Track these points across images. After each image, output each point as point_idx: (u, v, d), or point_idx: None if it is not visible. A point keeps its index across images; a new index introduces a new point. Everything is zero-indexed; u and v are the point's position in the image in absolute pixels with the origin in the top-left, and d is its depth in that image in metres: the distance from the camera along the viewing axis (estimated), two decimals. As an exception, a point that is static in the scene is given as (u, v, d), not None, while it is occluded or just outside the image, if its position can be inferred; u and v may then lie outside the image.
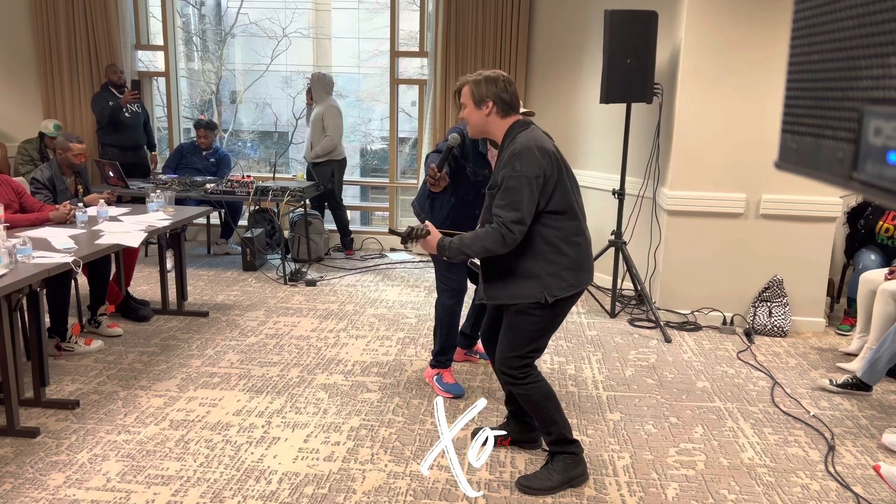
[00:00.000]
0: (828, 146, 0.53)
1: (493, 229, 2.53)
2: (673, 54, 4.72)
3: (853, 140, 0.49)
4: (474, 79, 2.66)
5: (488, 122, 2.66)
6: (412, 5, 8.05)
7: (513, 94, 2.65)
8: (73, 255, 3.43)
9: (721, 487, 2.83)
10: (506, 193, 2.52)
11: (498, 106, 2.63)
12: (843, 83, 0.51)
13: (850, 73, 0.50)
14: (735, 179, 4.57)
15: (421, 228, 2.62)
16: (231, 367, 3.87)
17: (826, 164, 0.53)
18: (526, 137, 2.56)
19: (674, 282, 4.79)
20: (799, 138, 0.58)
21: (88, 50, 6.44)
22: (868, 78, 0.47)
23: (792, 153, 0.59)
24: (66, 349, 4.00)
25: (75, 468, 2.84)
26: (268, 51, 12.83)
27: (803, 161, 0.57)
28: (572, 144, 5.70)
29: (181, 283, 4.74)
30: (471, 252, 2.57)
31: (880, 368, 3.58)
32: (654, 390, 3.72)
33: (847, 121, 0.50)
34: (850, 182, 0.50)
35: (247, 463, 2.91)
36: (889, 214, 4.50)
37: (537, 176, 2.51)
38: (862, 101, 0.48)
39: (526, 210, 2.51)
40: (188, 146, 6.38)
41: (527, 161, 2.50)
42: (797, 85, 0.59)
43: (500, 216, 2.52)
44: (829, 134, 0.53)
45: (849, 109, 0.50)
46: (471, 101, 2.66)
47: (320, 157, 6.12)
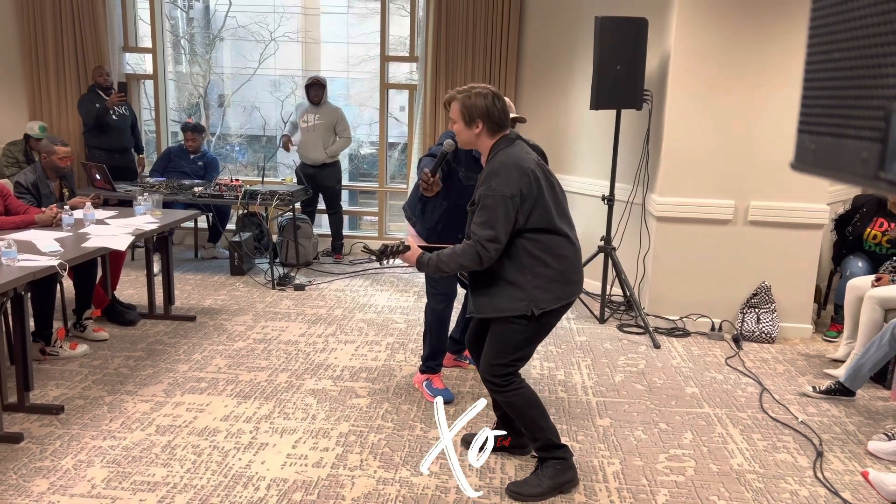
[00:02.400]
0: (850, 146, 0.52)
1: (469, 246, 2.57)
2: (663, 61, 4.74)
3: (879, 139, 0.48)
4: (464, 95, 2.67)
5: (478, 140, 2.70)
6: (402, 10, 8.06)
7: (501, 110, 2.67)
8: (59, 258, 3.38)
9: (711, 493, 2.83)
10: (482, 212, 2.55)
11: (487, 126, 2.65)
12: (867, 81, 0.50)
13: (874, 71, 0.49)
14: (724, 186, 4.59)
15: (397, 245, 2.63)
16: (218, 372, 3.83)
17: (848, 163, 0.52)
18: (505, 155, 2.59)
19: (663, 288, 4.80)
20: (818, 138, 0.57)
21: (76, 51, 6.38)
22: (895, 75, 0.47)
23: (809, 154, 0.58)
24: (50, 353, 3.94)
25: (60, 474, 2.80)
26: (256, 54, 12.78)
27: (822, 161, 0.57)
28: (562, 150, 5.71)
29: (168, 287, 4.69)
30: (448, 269, 2.62)
31: (863, 374, 3.60)
32: (643, 396, 3.72)
33: (872, 119, 0.50)
34: (877, 181, 0.49)
35: (234, 469, 2.88)
36: (876, 221, 4.53)
37: (513, 195, 2.52)
38: (889, 98, 0.48)
39: (501, 228, 2.53)
40: (176, 149, 6.33)
41: (503, 180, 2.53)
42: (815, 84, 0.58)
43: (476, 234, 2.55)
44: (851, 133, 0.52)
45: (874, 108, 0.49)
46: (461, 119, 2.68)
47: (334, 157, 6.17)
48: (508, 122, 2.71)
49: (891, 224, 4.47)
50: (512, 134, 2.71)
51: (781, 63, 4.41)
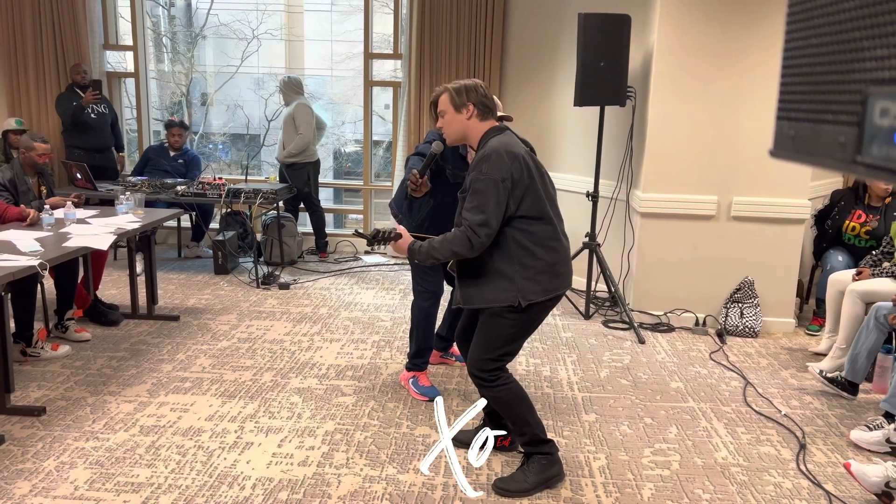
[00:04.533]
0: (828, 131, 0.52)
1: (460, 233, 2.55)
2: (646, 58, 4.76)
3: (856, 123, 0.48)
4: (453, 86, 2.69)
5: (468, 126, 2.68)
6: (385, 8, 8.04)
7: (490, 99, 2.70)
8: (40, 257, 3.34)
9: (696, 487, 2.85)
10: (473, 196, 2.54)
11: (478, 108, 2.66)
12: (844, 66, 0.51)
13: (852, 55, 0.50)
14: (707, 182, 4.62)
15: (389, 231, 2.62)
16: (203, 372, 3.80)
17: (826, 148, 0.52)
18: (497, 142, 2.58)
19: (647, 283, 4.82)
20: (796, 124, 0.58)
21: (55, 49, 6.31)
22: (872, 59, 0.47)
23: (788, 140, 0.58)
24: (31, 355, 3.90)
25: (41, 476, 2.77)
26: (238, 52, 12.70)
27: (801, 147, 0.57)
28: (546, 147, 5.72)
29: (151, 287, 4.65)
30: (439, 256, 2.59)
31: (861, 364, 3.63)
32: (628, 391, 3.74)
33: (850, 104, 0.50)
34: (854, 166, 0.50)
35: (219, 469, 2.86)
36: (854, 213, 4.58)
37: (504, 179, 2.51)
38: (866, 82, 0.48)
39: (492, 213, 2.51)
40: (156, 148, 6.28)
41: (493, 164, 2.52)
42: (793, 70, 0.59)
43: (468, 219, 2.54)
44: (829, 118, 0.52)
45: (851, 92, 0.50)
46: (451, 106, 2.68)
47: (294, 156, 6.04)
48: (496, 108, 2.72)
49: (868, 216, 4.52)
50: (501, 125, 2.71)
51: (764, 58, 4.44)
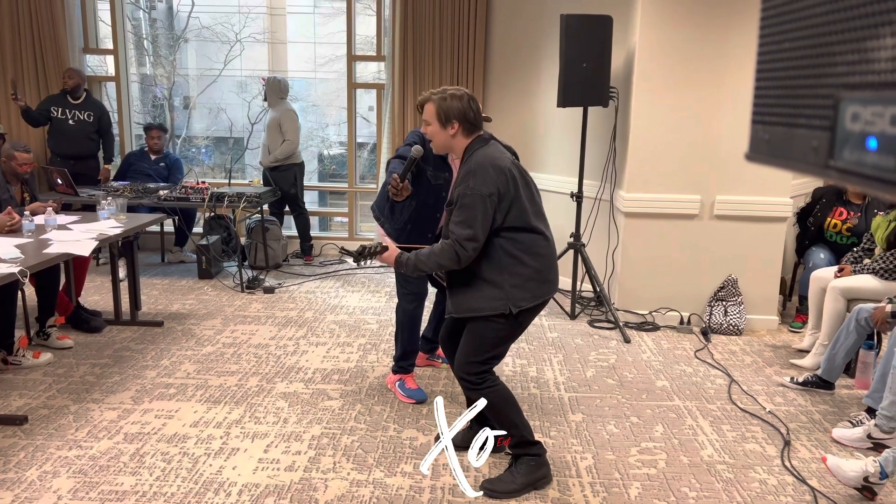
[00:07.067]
0: (801, 135, 0.53)
1: (447, 246, 2.57)
2: (628, 58, 4.78)
3: (828, 127, 0.49)
4: (439, 97, 2.68)
5: (453, 141, 2.69)
6: (368, 10, 8.02)
7: (476, 111, 2.69)
8: (20, 264, 3.30)
9: (682, 485, 2.86)
10: (460, 211, 2.56)
11: (463, 126, 2.66)
12: (816, 70, 0.51)
13: (823, 60, 0.50)
14: (690, 181, 4.65)
15: (375, 246, 2.64)
16: (187, 378, 3.78)
17: (800, 153, 0.53)
18: (482, 155, 2.60)
19: (632, 283, 4.84)
20: (770, 128, 0.58)
21: (34, 53, 6.25)
22: (843, 63, 0.47)
23: (763, 144, 0.59)
24: (13, 363, 3.85)
25: (24, 486, 2.73)
26: (221, 56, 12.62)
27: (776, 151, 0.57)
28: (530, 148, 5.73)
29: (134, 293, 4.61)
30: (426, 268, 2.62)
31: (838, 364, 3.66)
32: (614, 390, 3.75)
33: (822, 108, 0.50)
34: (827, 170, 0.50)
35: (205, 475, 2.84)
36: (836, 211, 4.63)
37: (490, 194, 2.54)
38: (837, 87, 0.48)
39: (479, 227, 2.54)
40: (136, 153, 6.24)
41: (480, 179, 2.54)
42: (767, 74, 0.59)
43: (455, 233, 2.56)
44: (802, 122, 0.53)
45: (823, 97, 0.50)
46: (436, 120, 2.68)
47: (279, 161, 6.01)
48: (482, 122, 2.73)
49: (849, 213, 4.57)
50: (486, 134, 2.72)
51: (744, 58, 4.48)
